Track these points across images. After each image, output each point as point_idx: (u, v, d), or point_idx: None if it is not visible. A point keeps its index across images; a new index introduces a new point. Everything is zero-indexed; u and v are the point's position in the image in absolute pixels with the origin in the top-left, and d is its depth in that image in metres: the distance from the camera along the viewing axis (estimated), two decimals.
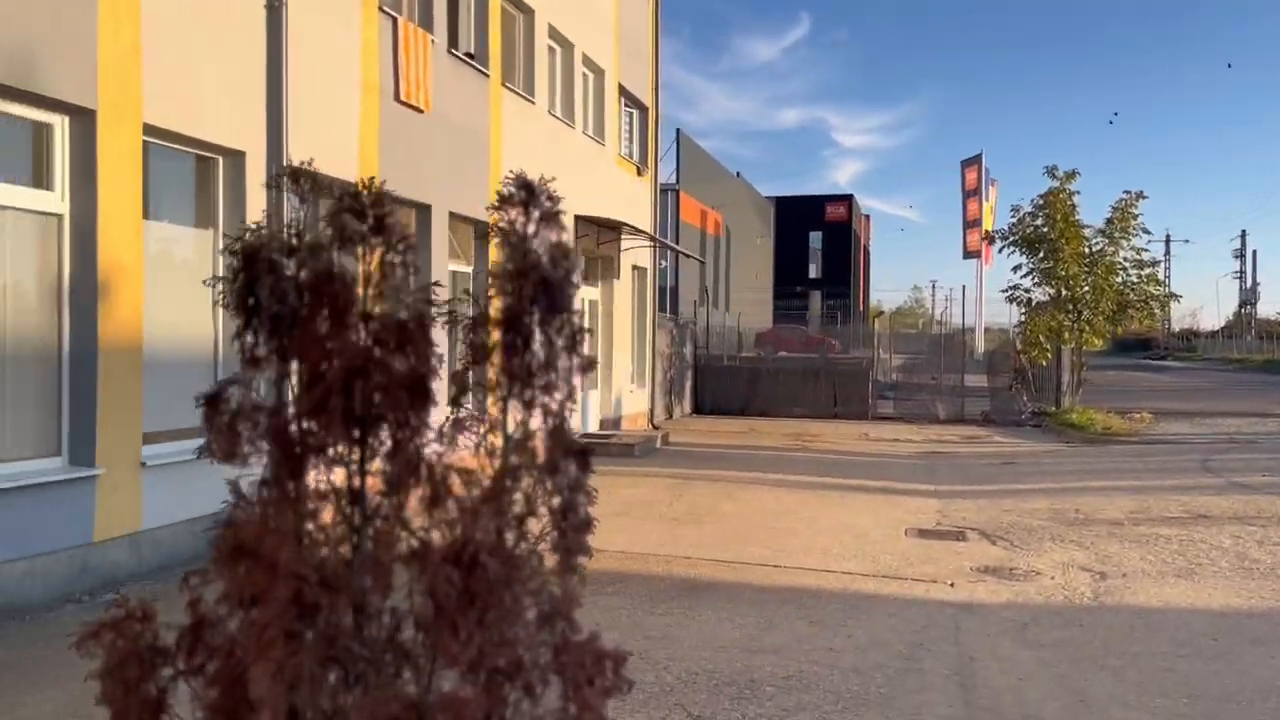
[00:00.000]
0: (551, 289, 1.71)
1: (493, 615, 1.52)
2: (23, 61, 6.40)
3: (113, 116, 7.09)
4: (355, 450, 1.42)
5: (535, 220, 1.75)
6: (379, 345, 1.42)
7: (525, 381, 1.71)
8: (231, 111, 8.30)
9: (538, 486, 1.75)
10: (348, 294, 1.42)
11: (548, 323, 1.72)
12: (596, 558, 7.03)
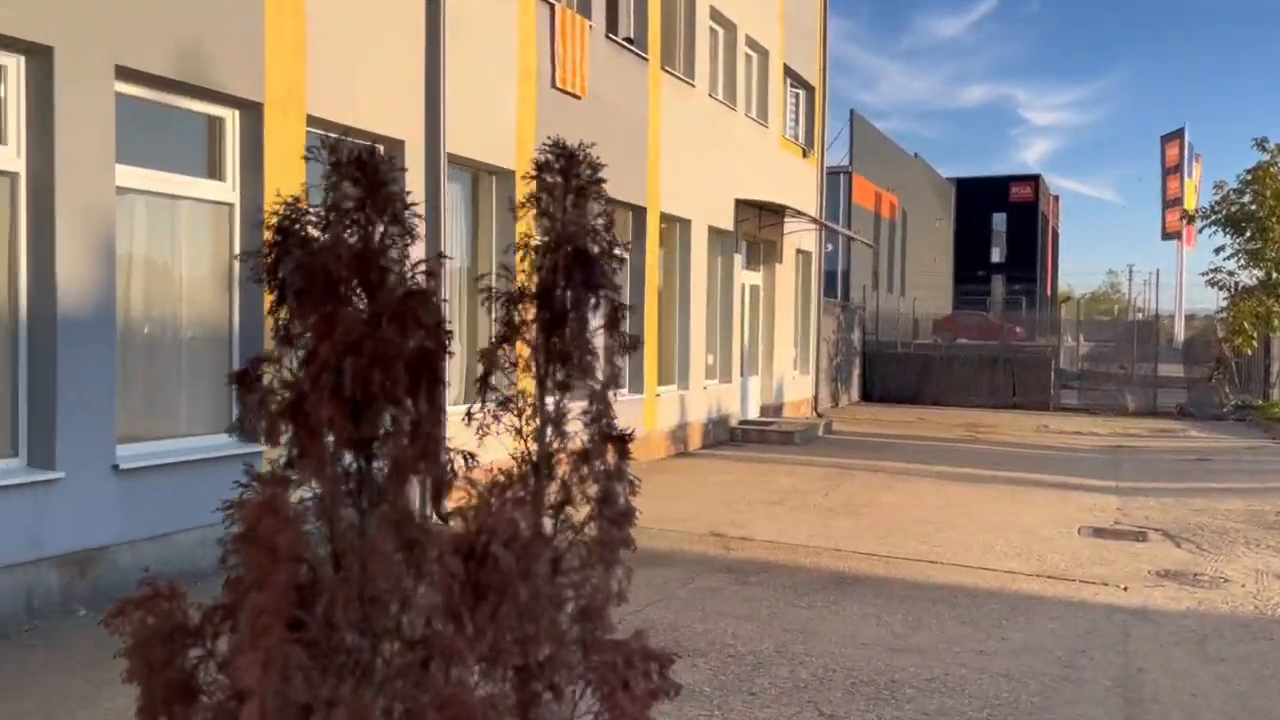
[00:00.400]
0: (588, 262, 1.59)
1: (507, 610, 1.42)
2: (197, 59, 6.77)
3: (279, 109, 7.43)
4: (356, 430, 1.36)
5: (573, 190, 1.63)
6: (378, 321, 1.35)
7: (559, 360, 1.60)
8: (390, 101, 8.57)
9: (574, 474, 1.65)
10: (343, 267, 1.36)
11: (583, 298, 1.60)
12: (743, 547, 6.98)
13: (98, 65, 6.13)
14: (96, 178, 6.12)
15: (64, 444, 5.97)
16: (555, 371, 1.62)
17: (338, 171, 1.36)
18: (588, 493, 1.65)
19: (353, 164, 1.35)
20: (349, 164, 1.35)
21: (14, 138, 5.90)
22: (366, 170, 1.36)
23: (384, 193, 1.37)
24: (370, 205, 1.37)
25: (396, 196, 1.40)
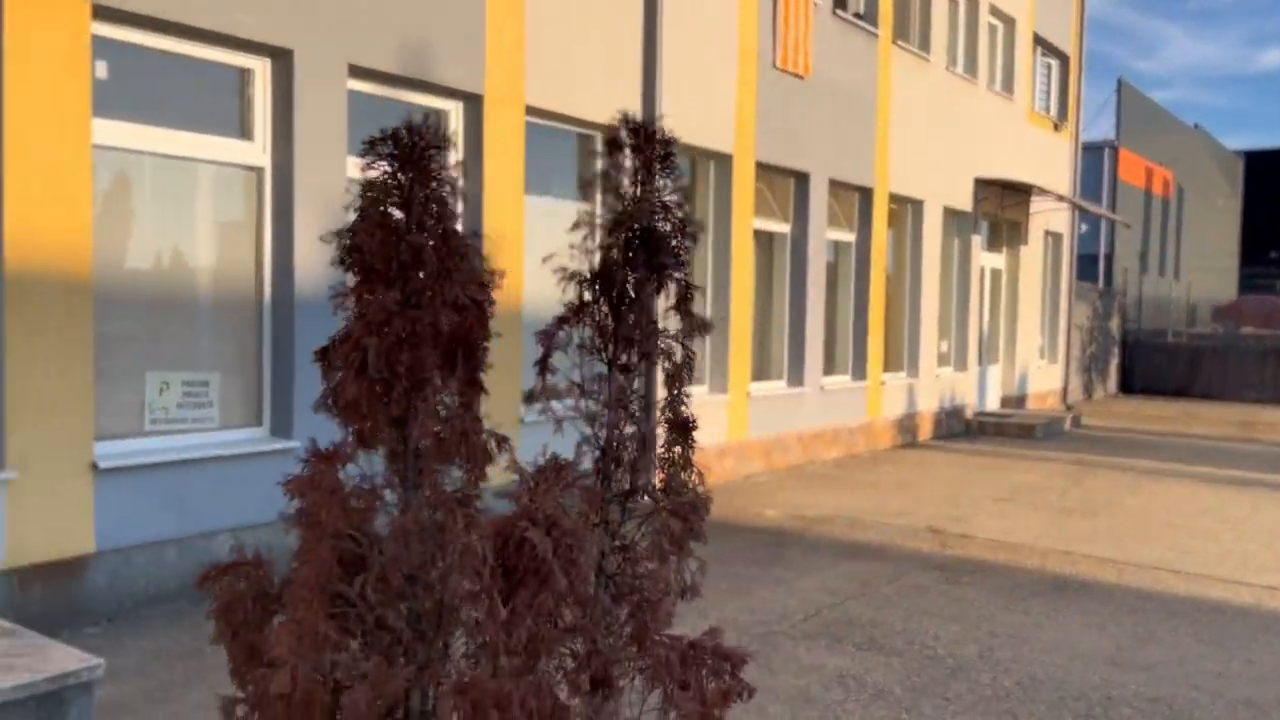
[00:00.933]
0: (655, 241, 1.53)
1: (545, 598, 1.39)
2: (422, 56, 7.15)
3: (498, 101, 7.73)
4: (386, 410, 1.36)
5: (644, 166, 1.57)
6: (411, 303, 1.35)
7: (624, 343, 1.55)
8: (607, 89, 8.71)
9: (639, 461, 1.59)
10: (381, 248, 1.36)
11: (647, 279, 1.53)
12: (961, 544, 6.63)
13: (333, 65, 6.60)
14: (331, 169, 6.60)
15: (300, 415, 6.49)
16: (620, 354, 1.57)
17: (374, 150, 1.36)
18: (651, 481, 1.59)
19: (390, 140, 1.35)
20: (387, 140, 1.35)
21: (260, 135, 6.46)
22: (403, 147, 1.35)
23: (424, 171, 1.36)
24: (411, 185, 1.36)
25: (435, 174, 1.39)
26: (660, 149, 1.58)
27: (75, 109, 5.36)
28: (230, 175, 6.39)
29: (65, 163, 5.32)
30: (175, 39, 5.95)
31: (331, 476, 1.40)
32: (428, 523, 1.37)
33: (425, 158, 1.41)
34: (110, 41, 5.64)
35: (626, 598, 1.55)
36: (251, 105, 6.44)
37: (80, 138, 5.40)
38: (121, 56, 5.75)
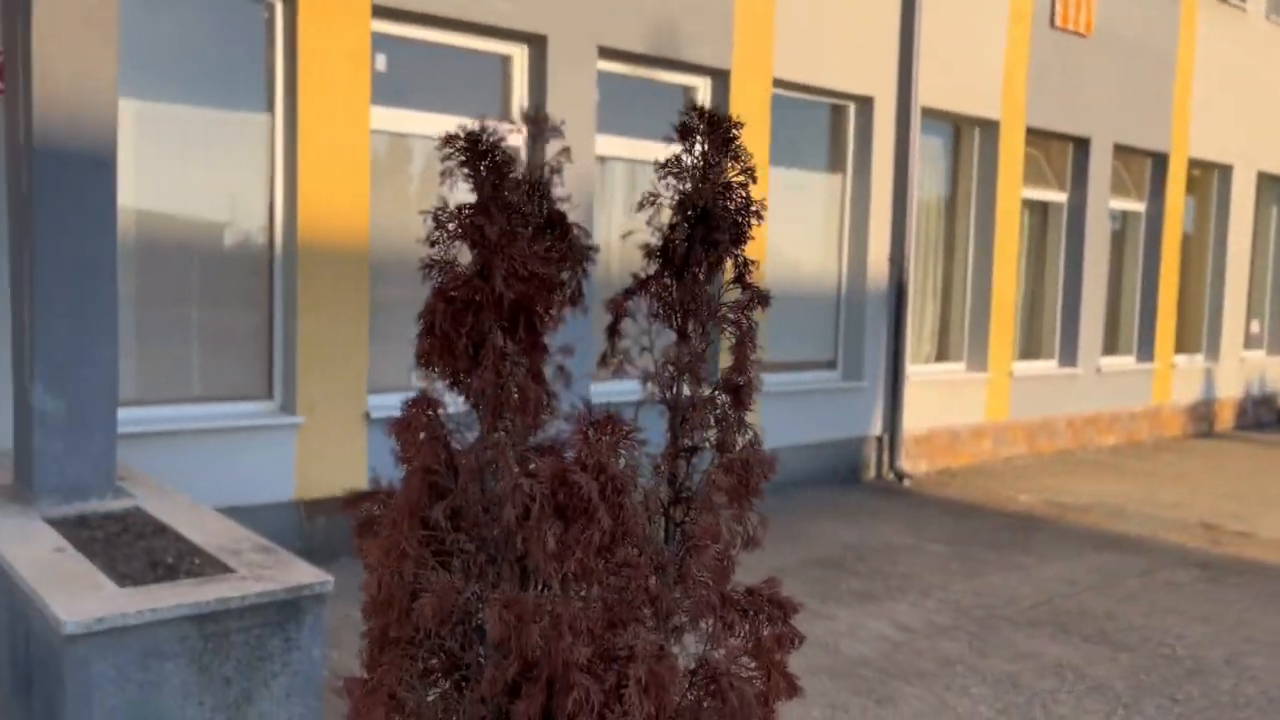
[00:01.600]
0: (714, 220, 1.67)
1: (591, 533, 1.58)
2: (670, 35, 7.41)
3: (746, 75, 7.86)
4: (452, 365, 1.58)
5: (703, 151, 1.71)
6: (480, 273, 1.56)
7: (682, 311, 1.70)
8: (859, 58, 8.60)
9: (695, 419, 1.74)
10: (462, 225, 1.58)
11: (702, 254, 1.68)
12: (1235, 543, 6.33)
13: (584, 47, 7.00)
14: (580, 148, 7.02)
15: None
16: (683, 323, 1.72)
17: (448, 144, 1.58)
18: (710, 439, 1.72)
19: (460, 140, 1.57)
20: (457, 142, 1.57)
21: (517, 116, 6.96)
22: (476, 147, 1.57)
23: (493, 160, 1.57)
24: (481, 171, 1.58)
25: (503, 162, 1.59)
26: (723, 134, 1.69)
27: (357, 98, 6.07)
28: None
29: (347, 146, 6.04)
30: (443, 31, 6.54)
31: (419, 418, 1.65)
32: (484, 460, 1.59)
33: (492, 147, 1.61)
34: (387, 36, 6.31)
35: (686, 543, 1.70)
36: (510, 88, 6.96)
37: (360, 124, 6.10)
38: (396, 50, 6.41)
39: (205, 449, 5.56)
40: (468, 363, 1.58)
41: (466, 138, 1.60)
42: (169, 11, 5.63)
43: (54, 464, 4.09)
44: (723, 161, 1.71)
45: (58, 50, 3.95)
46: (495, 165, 1.61)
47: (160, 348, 5.76)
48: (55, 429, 4.09)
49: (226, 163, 5.90)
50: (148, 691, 2.98)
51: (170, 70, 5.66)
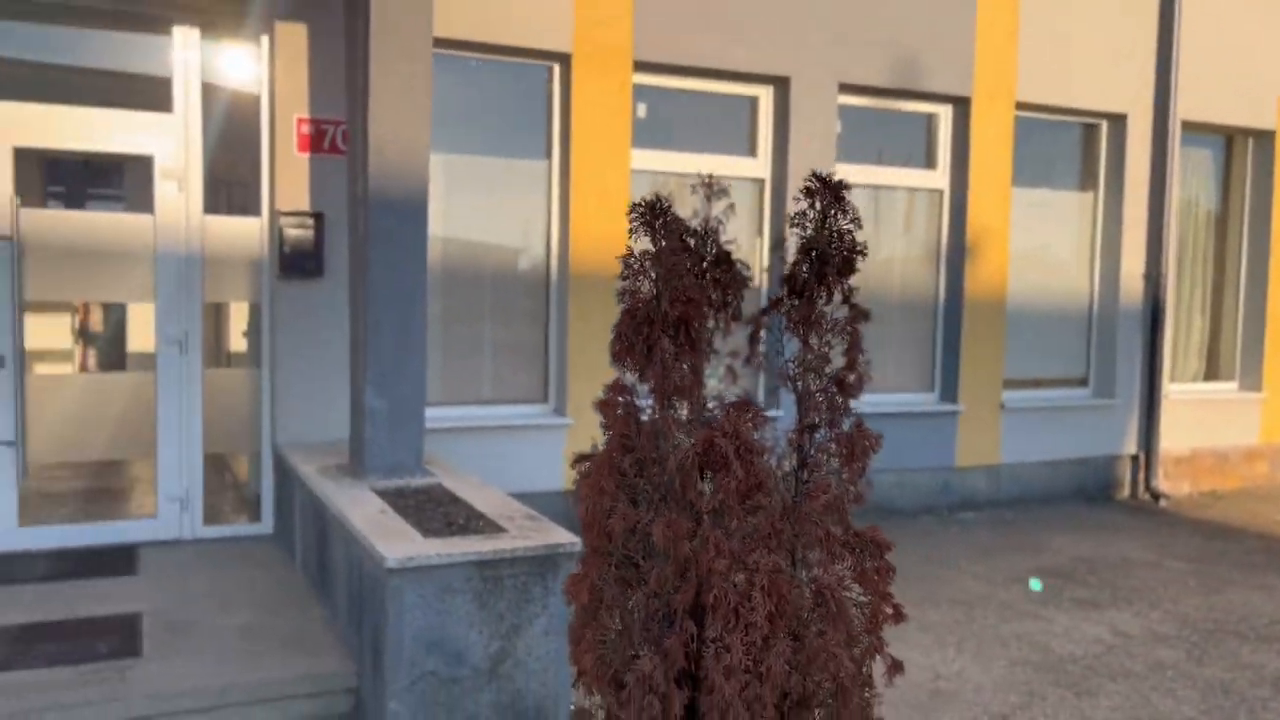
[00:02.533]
0: (826, 258, 2.31)
1: (727, 480, 2.24)
2: (910, 68, 7.85)
3: (986, 100, 8.14)
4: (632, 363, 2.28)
5: (819, 209, 2.34)
6: (655, 298, 2.26)
7: (804, 325, 2.34)
8: (1109, 76, 8.60)
9: (813, 407, 2.37)
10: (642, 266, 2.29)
11: (816, 283, 2.31)
12: None
13: (825, 86, 7.59)
14: None
15: None
16: (801, 332, 2.35)
17: (633, 211, 2.30)
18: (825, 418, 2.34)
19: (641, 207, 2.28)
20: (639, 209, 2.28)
21: (763, 151, 7.66)
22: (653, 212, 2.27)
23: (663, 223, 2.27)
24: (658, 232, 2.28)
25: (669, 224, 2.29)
26: (833, 194, 2.30)
27: (619, 142, 6.99)
28: (738, 187, 7.68)
29: (611, 185, 6.97)
30: (695, 79, 7.36)
31: (615, 399, 2.36)
32: (658, 429, 2.28)
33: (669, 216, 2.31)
34: (646, 87, 7.20)
35: (803, 493, 2.32)
36: (756, 126, 7.67)
37: (622, 165, 7.02)
38: (654, 98, 7.30)
39: (492, 442, 6.63)
40: (645, 361, 2.28)
41: (646, 206, 2.31)
42: (469, 80, 6.79)
43: (379, 449, 5.22)
44: (836, 213, 2.32)
45: (385, 123, 5.08)
46: (665, 223, 2.31)
47: (459, 358, 6.92)
48: (380, 422, 5.21)
49: (513, 203, 7.00)
50: (443, 617, 3.91)
51: (470, 129, 6.82)
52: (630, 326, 2.26)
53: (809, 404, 2.35)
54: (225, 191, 6.63)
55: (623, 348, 2.28)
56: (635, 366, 2.30)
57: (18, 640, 4.40)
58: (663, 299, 2.25)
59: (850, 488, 2.33)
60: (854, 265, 2.30)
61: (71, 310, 9.14)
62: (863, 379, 2.35)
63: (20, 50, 6.18)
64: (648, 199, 2.32)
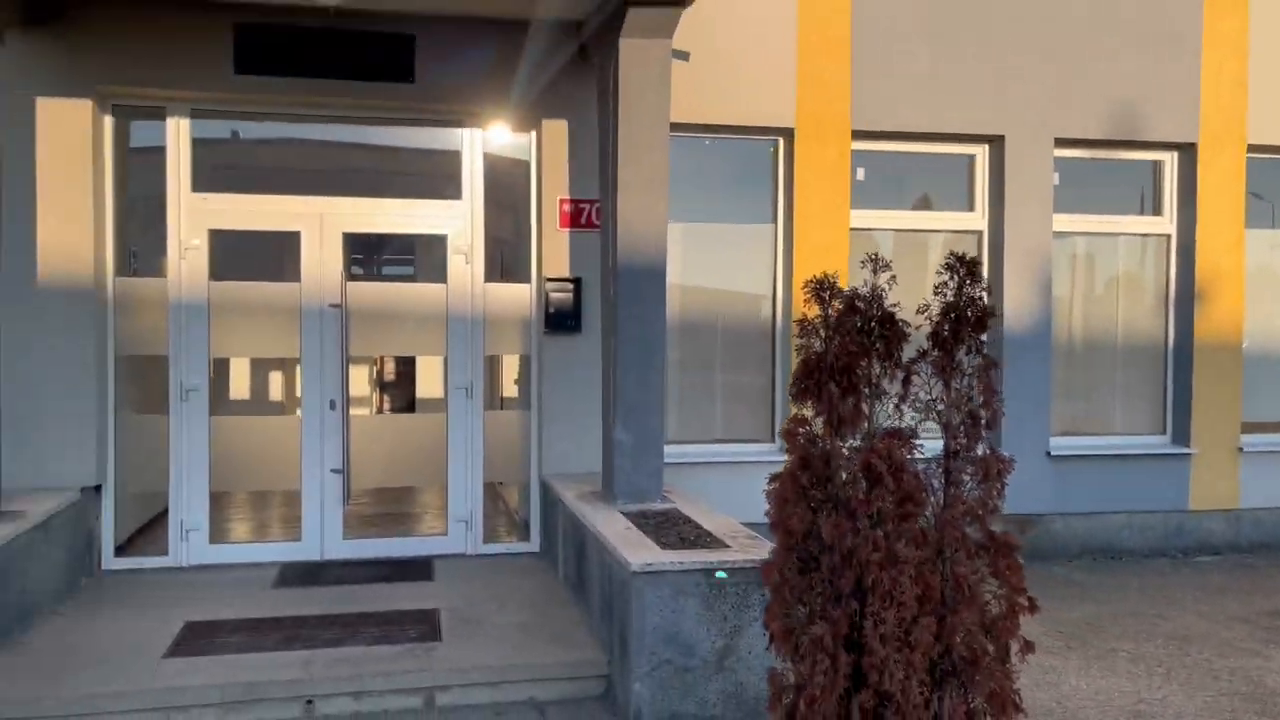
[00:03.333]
0: (961, 322, 2.97)
1: (881, 491, 2.92)
2: (1129, 118, 8.07)
3: (1214, 145, 8.19)
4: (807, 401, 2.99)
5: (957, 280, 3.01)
6: (823, 351, 2.98)
7: (946, 370, 3.01)
8: None
9: (956, 435, 3.01)
10: (814, 327, 3.01)
11: (953, 339, 2.98)
12: None
13: (1040, 141, 7.96)
14: (1037, 227, 7.95)
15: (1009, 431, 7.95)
16: (945, 376, 3.00)
17: (806, 286, 3.04)
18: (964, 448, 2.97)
19: (813, 283, 3.02)
20: (811, 284, 3.02)
21: (979, 204, 8.10)
22: (821, 287, 3.01)
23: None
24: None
25: (834, 295, 3.01)
26: (967, 269, 2.94)
27: (839, 204, 7.67)
28: (953, 239, 8.16)
29: (831, 242, 7.65)
30: (911, 143, 7.94)
31: (795, 428, 3.08)
32: (828, 451, 2.98)
33: (834, 289, 3.03)
34: (863, 152, 7.86)
35: (946, 503, 2.95)
36: (973, 182, 8.13)
37: (842, 224, 7.69)
38: (871, 161, 7.93)
39: (723, 476, 7.41)
40: (816, 399, 3.00)
41: (815, 283, 3.04)
42: (703, 156, 7.71)
43: (625, 477, 6.13)
44: (971, 283, 2.96)
45: (630, 205, 6.04)
46: (830, 294, 3.03)
47: (695, 401, 7.79)
48: (626, 454, 6.13)
49: (742, 262, 7.83)
50: (676, 615, 4.71)
51: (704, 198, 7.73)
52: (804, 373, 3.00)
53: (952, 434, 2.99)
54: (501, 262, 7.85)
55: (799, 389, 3.02)
56: (810, 404, 3.03)
57: (350, 625, 5.59)
58: (829, 353, 2.97)
59: (990, 501, 2.94)
60: (985, 324, 2.93)
61: (370, 361, 10.80)
62: (996, 414, 2.96)
63: (343, 151, 7.68)
64: (817, 277, 3.06)
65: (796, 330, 3.07)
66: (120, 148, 6.90)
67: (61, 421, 6.45)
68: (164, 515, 7.06)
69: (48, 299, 6.42)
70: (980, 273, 2.96)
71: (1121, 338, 8.45)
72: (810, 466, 3.06)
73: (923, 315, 3.04)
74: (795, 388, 3.02)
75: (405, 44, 6.85)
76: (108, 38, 6.49)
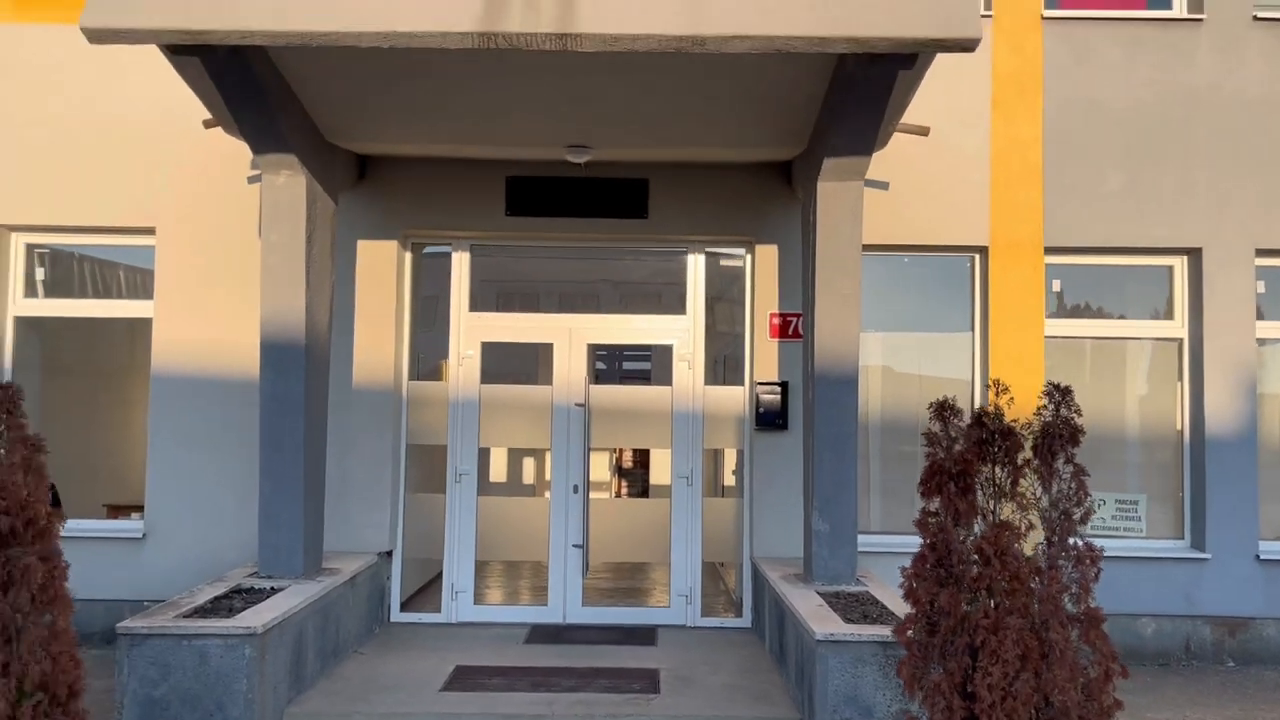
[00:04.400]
0: (1051, 439, 3.76)
1: (989, 571, 3.70)
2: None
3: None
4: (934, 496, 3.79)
5: (1054, 404, 3.81)
6: (943, 458, 3.80)
7: (1046, 477, 3.79)
8: None
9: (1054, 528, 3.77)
10: (936, 438, 3.83)
11: (1051, 453, 3.76)
12: None
13: (1240, 252, 8.23)
14: (1238, 335, 8.18)
15: (1213, 533, 8.12)
16: (1046, 479, 3.76)
17: (930, 407, 3.88)
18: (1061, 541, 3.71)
19: (935, 404, 3.87)
20: (934, 405, 3.87)
21: (1179, 314, 8.42)
22: (943, 408, 3.86)
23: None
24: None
25: (952, 414, 3.84)
26: (1062, 394, 3.70)
27: (1033, 315, 8.25)
28: (1155, 346, 8.50)
29: (1027, 351, 8.22)
30: (1105, 256, 8.43)
31: (925, 519, 3.88)
32: (951, 534, 3.78)
33: (953, 410, 3.85)
34: (1057, 265, 8.42)
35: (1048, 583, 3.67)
36: (1172, 292, 8.48)
37: (1036, 333, 8.24)
38: (1064, 273, 8.47)
39: None
40: (940, 495, 3.81)
41: (938, 405, 3.87)
42: (903, 272, 8.54)
43: (822, 562, 6.94)
44: (1064, 406, 3.71)
45: (826, 322, 6.96)
46: (950, 413, 3.86)
47: (892, 493, 8.48)
48: (823, 541, 6.95)
49: (942, 369, 8.52)
50: (856, 680, 5.48)
51: (904, 309, 8.53)
52: (928, 475, 3.84)
53: (1051, 527, 3.73)
54: (722, 366, 8.93)
55: (927, 488, 3.86)
56: (936, 500, 3.86)
57: (585, 676, 6.69)
58: (949, 459, 3.81)
59: (1085, 581, 3.66)
60: (1078, 440, 3.68)
61: (611, 451, 12.10)
62: (1089, 513, 3.69)
63: (588, 275, 9.07)
64: (940, 400, 3.91)
65: (924, 441, 3.93)
66: (415, 275, 8.58)
67: (366, 498, 8.03)
68: (437, 579, 8.50)
69: (360, 399, 8.08)
70: (1073, 397, 3.71)
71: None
72: (936, 550, 3.88)
73: (1028, 430, 3.81)
74: (922, 486, 3.86)
75: (640, 188, 8.19)
76: (410, 192, 8.20)
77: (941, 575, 3.82)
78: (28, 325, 8.50)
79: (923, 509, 3.93)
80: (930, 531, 3.89)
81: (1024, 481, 3.82)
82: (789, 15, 5.31)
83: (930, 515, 3.90)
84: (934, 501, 3.87)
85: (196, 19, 5.29)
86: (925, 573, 3.85)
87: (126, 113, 8.15)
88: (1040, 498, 3.76)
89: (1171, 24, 8.42)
